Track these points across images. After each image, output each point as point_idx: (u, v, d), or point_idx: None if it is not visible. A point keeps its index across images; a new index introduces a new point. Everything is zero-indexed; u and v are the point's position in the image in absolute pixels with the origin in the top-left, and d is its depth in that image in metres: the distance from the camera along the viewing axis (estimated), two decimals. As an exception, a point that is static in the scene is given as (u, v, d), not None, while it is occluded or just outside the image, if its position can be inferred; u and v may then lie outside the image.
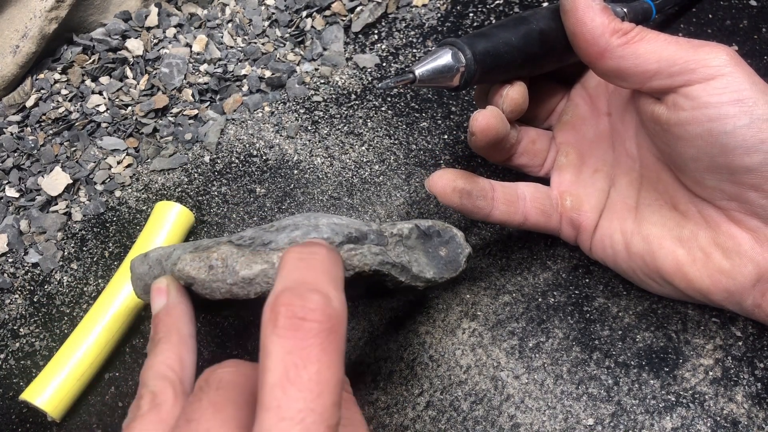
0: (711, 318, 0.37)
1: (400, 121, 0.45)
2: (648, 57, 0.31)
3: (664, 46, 0.31)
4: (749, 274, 0.32)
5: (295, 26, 0.49)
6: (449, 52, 0.33)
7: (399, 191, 0.43)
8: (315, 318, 0.21)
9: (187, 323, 0.29)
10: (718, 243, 0.33)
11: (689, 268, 0.34)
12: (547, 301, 0.38)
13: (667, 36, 0.32)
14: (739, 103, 0.30)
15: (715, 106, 0.30)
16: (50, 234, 0.43)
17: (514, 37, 0.34)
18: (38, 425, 0.38)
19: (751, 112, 0.30)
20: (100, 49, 0.48)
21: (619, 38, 0.32)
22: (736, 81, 0.30)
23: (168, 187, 0.44)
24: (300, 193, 0.43)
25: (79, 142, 0.46)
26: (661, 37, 0.31)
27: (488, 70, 0.34)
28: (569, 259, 0.40)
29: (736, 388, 0.35)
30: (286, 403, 0.20)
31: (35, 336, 0.40)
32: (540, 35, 0.34)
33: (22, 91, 0.47)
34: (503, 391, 0.36)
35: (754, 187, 0.31)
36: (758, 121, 0.29)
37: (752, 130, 0.30)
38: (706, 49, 0.30)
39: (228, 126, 0.46)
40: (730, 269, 0.32)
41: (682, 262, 0.34)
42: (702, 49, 0.31)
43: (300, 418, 0.20)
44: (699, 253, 0.33)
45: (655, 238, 0.35)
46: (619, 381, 0.36)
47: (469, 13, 0.49)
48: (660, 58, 0.31)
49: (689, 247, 0.34)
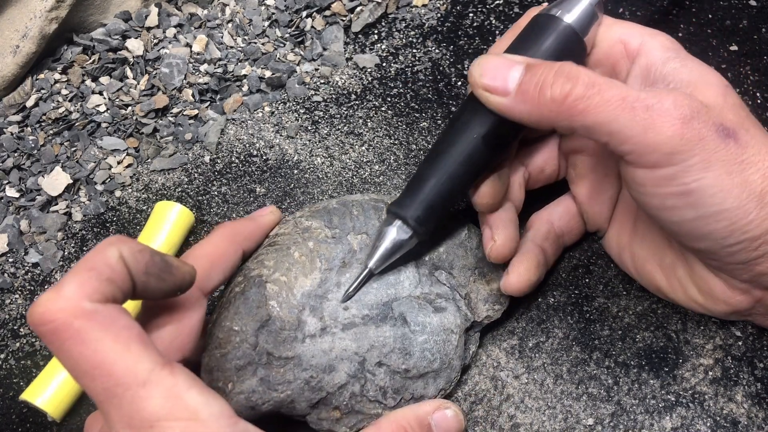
0: (711, 318, 0.37)
1: (400, 121, 0.45)
2: (598, 130, 0.27)
3: (613, 117, 0.27)
4: (722, 311, 0.33)
5: (295, 26, 0.49)
6: (394, 228, 0.32)
7: (399, 191, 0.43)
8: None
9: None
10: (694, 281, 0.33)
11: (668, 293, 0.35)
12: (547, 301, 0.38)
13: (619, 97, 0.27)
14: (686, 196, 0.27)
15: (660, 197, 0.28)
16: (50, 234, 0.43)
17: (457, 161, 0.31)
18: (38, 425, 0.38)
19: (698, 207, 0.27)
20: (101, 49, 0.48)
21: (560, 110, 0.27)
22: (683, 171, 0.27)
23: (168, 187, 0.44)
24: (300, 193, 0.43)
25: (79, 142, 0.46)
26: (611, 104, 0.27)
27: (442, 213, 0.33)
28: (569, 259, 0.40)
29: (736, 388, 0.35)
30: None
31: (35, 336, 0.40)
32: (485, 139, 0.31)
33: (23, 91, 0.47)
34: (503, 391, 0.36)
35: (711, 259, 0.30)
36: (705, 216, 0.28)
37: (699, 223, 0.28)
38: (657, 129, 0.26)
39: (228, 126, 0.46)
40: (704, 303, 0.33)
41: (662, 286, 0.35)
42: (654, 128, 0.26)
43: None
44: (677, 283, 0.34)
45: (640, 258, 0.35)
46: (619, 381, 0.36)
47: (469, 13, 0.49)
48: (610, 132, 0.27)
49: (668, 276, 0.34)
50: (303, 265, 0.34)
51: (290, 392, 0.31)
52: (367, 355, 0.32)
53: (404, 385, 0.33)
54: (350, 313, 0.33)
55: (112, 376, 0.23)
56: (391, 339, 0.33)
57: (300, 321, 0.32)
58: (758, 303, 0.32)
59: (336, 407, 0.32)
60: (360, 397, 0.32)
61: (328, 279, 0.34)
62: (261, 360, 0.31)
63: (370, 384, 0.32)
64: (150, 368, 0.23)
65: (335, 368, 0.32)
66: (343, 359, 0.32)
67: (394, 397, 0.32)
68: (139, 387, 0.23)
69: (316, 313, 0.33)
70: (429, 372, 0.33)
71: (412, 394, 0.33)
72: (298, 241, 0.35)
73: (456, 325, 0.34)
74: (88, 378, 0.23)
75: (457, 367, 0.34)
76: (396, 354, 0.32)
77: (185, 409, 0.23)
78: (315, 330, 0.32)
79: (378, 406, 0.32)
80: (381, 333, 0.33)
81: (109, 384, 0.23)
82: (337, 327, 0.33)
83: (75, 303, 0.23)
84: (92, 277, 0.24)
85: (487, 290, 0.36)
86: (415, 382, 0.33)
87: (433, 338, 0.33)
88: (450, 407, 0.32)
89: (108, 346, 0.23)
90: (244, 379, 0.31)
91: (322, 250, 0.34)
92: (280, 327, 0.32)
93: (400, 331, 0.33)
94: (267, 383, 0.31)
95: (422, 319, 0.33)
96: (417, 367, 0.33)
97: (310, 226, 0.35)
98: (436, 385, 0.33)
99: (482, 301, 0.36)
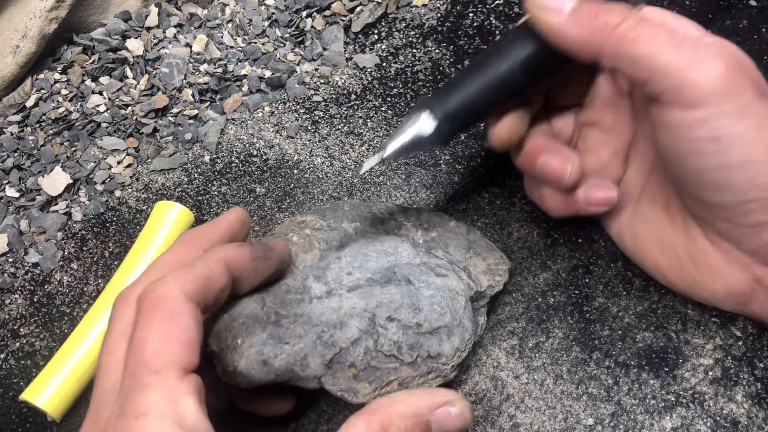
0: (711, 318, 0.37)
1: (400, 121, 0.45)
2: (643, 63, 0.28)
3: (662, 50, 0.28)
4: (719, 290, 0.33)
5: (295, 26, 0.49)
6: (419, 118, 0.33)
7: (399, 191, 0.43)
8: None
9: None
10: (692, 256, 0.33)
11: (666, 272, 0.35)
12: (547, 301, 0.38)
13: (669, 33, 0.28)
14: (715, 142, 0.28)
15: (689, 141, 0.28)
16: (50, 234, 0.43)
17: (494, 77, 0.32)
18: (38, 425, 0.38)
19: (724, 155, 0.28)
20: (100, 49, 0.48)
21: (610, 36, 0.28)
22: (718, 115, 0.27)
23: (168, 187, 0.44)
24: (300, 193, 0.43)
25: (79, 142, 0.46)
26: (661, 37, 0.28)
27: (466, 123, 0.33)
28: (569, 259, 0.40)
29: (736, 388, 0.35)
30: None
31: (35, 336, 0.40)
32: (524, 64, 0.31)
33: (23, 91, 0.47)
34: (503, 391, 0.36)
35: (723, 218, 0.30)
36: (730, 165, 0.28)
37: (722, 172, 0.28)
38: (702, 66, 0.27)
39: (228, 126, 0.46)
40: (701, 281, 0.33)
41: (660, 265, 0.35)
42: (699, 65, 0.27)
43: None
44: (674, 261, 0.34)
45: (641, 236, 0.35)
46: (619, 381, 0.36)
47: (469, 13, 0.49)
48: (654, 66, 0.28)
49: (666, 254, 0.34)
50: (302, 246, 0.35)
51: (302, 345, 0.31)
52: (376, 311, 0.32)
53: (418, 341, 0.32)
54: (354, 277, 0.33)
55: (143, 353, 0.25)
56: (398, 296, 0.32)
57: (305, 286, 0.33)
58: (757, 285, 0.32)
59: (352, 364, 0.31)
60: (375, 353, 0.31)
61: (327, 255, 0.35)
62: (270, 318, 0.31)
63: (384, 339, 0.31)
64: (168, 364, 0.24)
65: (346, 324, 0.31)
66: (352, 316, 0.32)
67: (410, 353, 0.32)
68: (150, 374, 0.24)
69: (321, 280, 0.33)
70: (441, 327, 0.32)
71: (428, 351, 0.32)
72: (295, 229, 0.36)
73: (461, 289, 0.34)
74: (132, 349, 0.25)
75: (470, 329, 0.33)
76: (405, 309, 0.32)
77: (174, 411, 0.24)
78: (321, 293, 0.33)
79: (395, 362, 0.31)
80: (387, 291, 0.33)
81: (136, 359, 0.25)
82: (342, 289, 0.33)
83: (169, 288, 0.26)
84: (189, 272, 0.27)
85: (484, 264, 0.36)
86: (429, 338, 0.32)
87: (439, 293, 0.33)
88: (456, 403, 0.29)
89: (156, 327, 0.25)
90: (254, 334, 0.31)
91: (318, 236, 0.36)
92: (285, 290, 0.32)
93: (405, 289, 0.33)
94: (278, 337, 0.31)
95: (426, 278, 0.33)
96: (428, 320, 0.32)
97: (305, 220, 0.37)
98: (451, 343, 0.33)
99: (482, 274, 0.36)
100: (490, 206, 0.42)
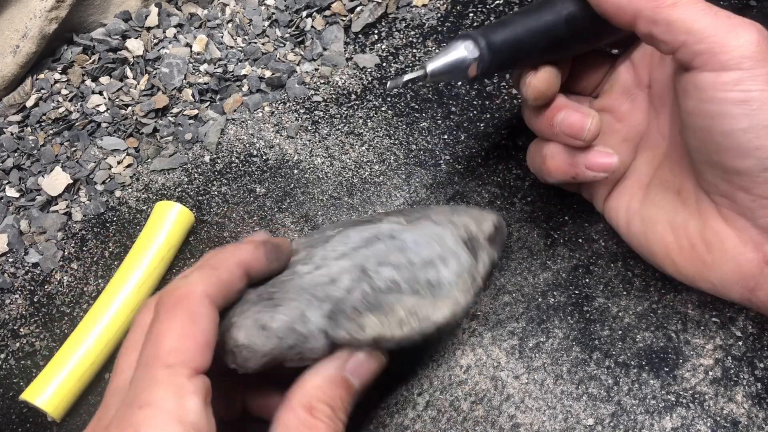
0: (711, 318, 0.37)
1: (400, 121, 0.45)
2: (679, 26, 0.29)
3: (698, 17, 0.29)
4: (730, 272, 0.32)
5: (295, 26, 0.49)
6: (462, 44, 0.33)
7: (399, 191, 0.43)
8: None
9: None
10: (704, 237, 0.33)
11: (675, 255, 0.34)
12: (547, 301, 0.38)
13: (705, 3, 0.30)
14: (744, 104, 0.29)
15: (718, 102, 0.29)
16: (50, 234, 0.43)
17: (537, 24, 0.33)
18: (38, 425, 0.38)
19: (753, 116, 0.29)
20: (100, 49, 0.48)
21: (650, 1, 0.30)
22: (749, 78, 0.29)
23: (168, 187, 0.44)
24: (300, 193, 0.43)
25: (79, 142, 0.46)
26: (698, 5, 0.29)
27: (506, 59, 0.33)
28: (569, 259, 0.40)
29: (736, 388, 0.35)
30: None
31: (35, 336, 0.40)
32: (567, 20, 0.33)
33: (23, 91, 0.47)
34: (503, 391, 0.36)
35: (743, 188, 0.30)
36: (757, 127, 0.29)
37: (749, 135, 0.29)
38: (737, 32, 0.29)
39: (228, 126, 0.46)
40: (711, 263, 0.33)
41: (670, 248, 0.34)
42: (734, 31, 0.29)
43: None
44: (685, 242, 0.34)
45: (651, 219, 0.35)
46: (619, 381, 0.36)
47: (469, 13, 0.49)
48: (690, 29, 0.29)
49: (677, 235, 0.34)
50: None
51: (297, 304, 0.30)
52: (365, 263, 0.32)
53: (414, 274, 0.32)
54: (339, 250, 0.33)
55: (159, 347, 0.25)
56: (384, 247, 0.32)
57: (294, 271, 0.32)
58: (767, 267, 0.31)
59: (354, 308, 0.30)
60: (373, 293, 0.31)
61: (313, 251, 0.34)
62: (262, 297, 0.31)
63: (378, 280, 0.31)
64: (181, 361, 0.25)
65: (337, 279, 0.31)
66: (342, 273, 0.31)
67: (410, 286, 0.31)
68: (162, 368, 0.25)
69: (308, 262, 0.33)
70: (433, 258, 0.32)
71: (427, 280, 0.32)
72: None
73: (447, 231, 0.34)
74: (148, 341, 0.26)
75: (467, 259, 0.33)
76: (393, 254, 0.32)
77: (179, 407, 0.24)
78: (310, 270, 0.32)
79: (396, 293, 0.31)
80: (372, 248, 0.32)
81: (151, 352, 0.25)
82: (329, 260, 0.32)
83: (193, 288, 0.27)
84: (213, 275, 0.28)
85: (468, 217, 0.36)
86: (424, 269, 0.32)
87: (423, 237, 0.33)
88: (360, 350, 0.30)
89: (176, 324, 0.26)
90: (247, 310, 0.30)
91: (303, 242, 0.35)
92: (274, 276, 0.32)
93: (390, 243, 0.33)
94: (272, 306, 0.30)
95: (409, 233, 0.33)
96: (418, 255, 0.32)
97: None
98: (449, 270, 0.32)
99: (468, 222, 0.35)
100: (490, 206, 0.42)
